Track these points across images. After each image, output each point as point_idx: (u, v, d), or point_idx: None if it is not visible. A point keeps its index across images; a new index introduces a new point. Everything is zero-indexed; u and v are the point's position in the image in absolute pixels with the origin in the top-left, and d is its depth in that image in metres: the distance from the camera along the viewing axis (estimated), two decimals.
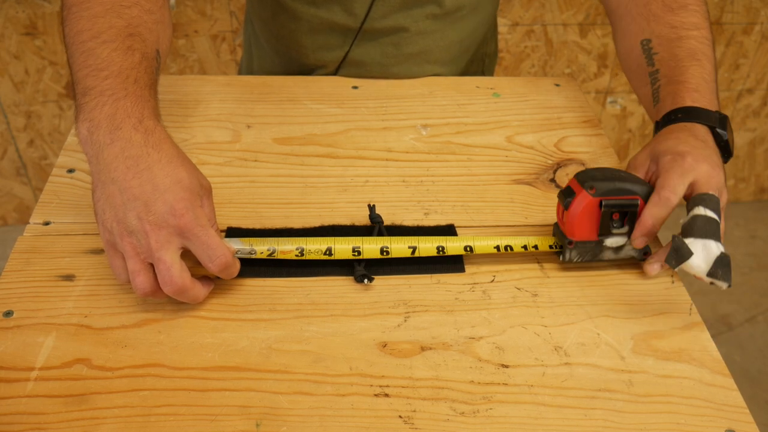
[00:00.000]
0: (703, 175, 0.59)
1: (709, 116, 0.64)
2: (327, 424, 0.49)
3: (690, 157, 0.59)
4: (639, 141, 1.92)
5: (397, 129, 0.77)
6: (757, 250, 1.95)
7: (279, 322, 0.56)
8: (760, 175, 2.05)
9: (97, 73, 0.56)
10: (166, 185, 0.53)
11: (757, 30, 1.75)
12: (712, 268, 0.54)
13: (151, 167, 0.53)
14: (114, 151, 0.53)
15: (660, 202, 0.58)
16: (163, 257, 0.52)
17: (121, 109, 0.54)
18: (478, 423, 0.49)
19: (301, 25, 0.83)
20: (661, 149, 0.61)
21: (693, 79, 0.67)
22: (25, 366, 0.51)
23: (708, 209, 0.56)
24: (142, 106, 0.56)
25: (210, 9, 1.59)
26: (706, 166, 0.59)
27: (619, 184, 0.58)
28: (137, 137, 0.54)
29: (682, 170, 0.58)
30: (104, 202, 0.53)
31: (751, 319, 1.76)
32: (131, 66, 0.57)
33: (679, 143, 0.61)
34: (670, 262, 0.55)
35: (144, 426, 0.48)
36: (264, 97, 0.81)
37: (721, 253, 0.55)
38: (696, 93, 0.66)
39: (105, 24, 0.58)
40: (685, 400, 0.52)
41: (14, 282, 0.58)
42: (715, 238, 0.55)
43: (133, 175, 0.53)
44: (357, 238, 0.60)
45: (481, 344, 0.55)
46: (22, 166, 1.78)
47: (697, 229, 0.56)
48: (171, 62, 1.66)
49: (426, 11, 0.81)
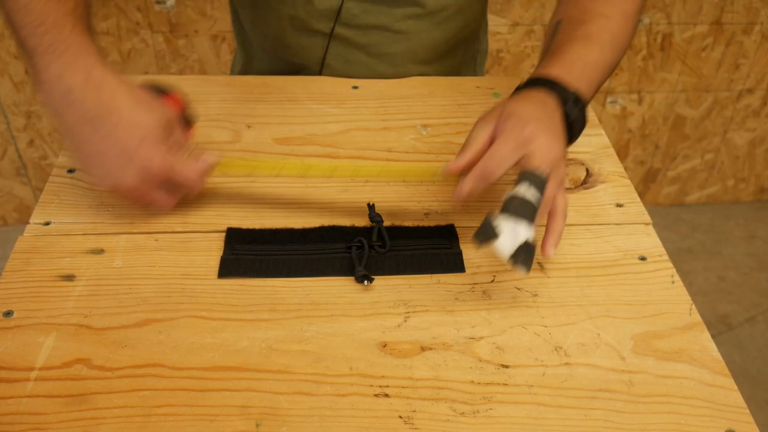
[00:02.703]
0: (540, 147, 0.57)
1: (565, 92, 0.63)
2: (327, 424, 0.49)
3: (532, 126, 0.57)
4: (639, 141, 1.93)
5: (397, 129, 0.77)
6: (757, 250, 1.95)
7: (279, 322, 0.56)
8: (760, 175, 2.05)
9: (36, 30, 0.56)
10: (134, 143, 0.57)
11: (757, 30, 1.75)
12: (515, 253, 0.53)
13: (114, 129, 0.56)
14: (74, 116, 0.56)
15: (483, 174, 0.56)
16: (155, 197, 0.61)
17: (65, 67, 0.56)
18: (478, 423, 0.49)
19: (281, 24, 0.83)
20: (509, 110, 0.60)
21: (570, 56, 0.67)
22: (25, 366, 0.51)
23: (531, 187, 0.55)
24: (86, 56, 0.57)
25: (210, 9, 1.59)
26: (546, 138, 0.57)
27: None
28: (90, 98, 0.56)
29: (517, 142, 0.57)
30: (85, 164, 0.59)
31: (751, 319, 1.76)
32: (65, 14, 0.57)
33: (527, 109, 0.59)
34: (478, 238, 0.53)
35: (144, 426, 0.48)
36: (264, 97, 0.81)
37: (527, 240, 0.53)
38: (564, 68, 0.65)
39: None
40: (685, 400, 0.52)
41: (14, 282, 0.58)
42: (529, 219, 0.54)
43: (99, 139, 0.57)
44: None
45: (481, 344, 0.55)
46: (22, 166, 1.78)
47: (513, 207, 0.54)
48: (171, 62, 1.66)
49: (407, 11, 0.81)
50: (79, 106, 0.56)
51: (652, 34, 1.73)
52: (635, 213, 0.67)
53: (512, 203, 0.55)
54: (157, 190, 0.60)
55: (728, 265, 1.90)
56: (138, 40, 1.62)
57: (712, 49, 1.77)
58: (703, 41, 1.75)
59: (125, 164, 0.57)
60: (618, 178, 0.72)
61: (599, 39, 0.69)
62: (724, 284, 1.85)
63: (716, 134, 1.93)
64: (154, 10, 1.58)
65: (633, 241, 0.64)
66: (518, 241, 0.53)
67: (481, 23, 0.92)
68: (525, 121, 0.58)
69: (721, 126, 1.92)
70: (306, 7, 0.80)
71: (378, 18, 0.81)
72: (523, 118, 0.58)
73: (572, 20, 0.71)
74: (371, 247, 0.61)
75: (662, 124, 1.90)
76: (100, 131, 0.56)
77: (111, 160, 0.57)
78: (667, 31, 1.73)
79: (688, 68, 1.80)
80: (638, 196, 0.69)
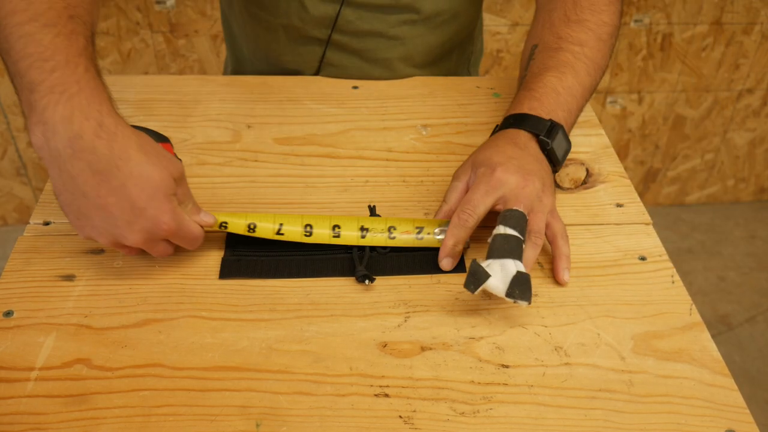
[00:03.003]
0: (511, 188, 0.58)
1: (538, 124, 0.64)
2: (327, 424, 0.49)
3: (500, 170, 0.59)
4: (639, 141, 1.93)
5: (397, 129, 0.77)
6: (757, 250, 1.95)
7: (279, 322, 0.56)
8: (760, 175, 2.05)
9: (42, 64, 0.51)
10: (143, 201, 0.53)
11: (757, 30, 1.75)
12: (509, 288, 0.54)
13: (125, 183, 0.52)
14: (80, 166, 0.51)
15: (459, 223, 0.59)
16: (155, 249, 0.57)
17: (77, 110, 0.51)
18: (478, 423, 0.49)
19: (276, 34, 0.83)
20: (479, 159, 0.62)
21: (542, 88, 0.67)
22: (25, 366, 0.51)
23: (508, 227, 0.56)
24: (99, 101, 0.52)
25: (210, 9, 1.59)
26: (516, 177, 0.59)
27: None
28: (102, 148, 0.51)
29: (488, 187, 0.59)
30: (81, 217, 0.53)
31: (751, 319, 1.76)
32: (77, 53, 0.53)
33: (495, 153, 0.61)
34: (469, 287, 0.54)
35: (144, 426, 0.48)
36: (264, 97, 0.81)
37: (518, 271, 0.54)
38: (536, 101, 0.66)
39: (42, 4, 0.53)
40: (685, 400, 0.52)
41: (14, 282, 0.58)
42: (514, 256, 0.55)
43: (106, 192, 0.52)
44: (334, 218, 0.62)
45: (481, 344, 0.55)
46: (22, 166, 1.78)
47: (495, 249, 0.55)
48: (171, 62, 1.66)
49: (403, 17, 0.81)
50: (88, 155, 0.51)
51: (652, 34, 1.73)
52: (635, 213, 0.67)
53: (494, 244, 0.56)
54: (158, 243, 0.56)
55: (728, 265, 1.90)
56: (138, 40, 1.62)
57: (712, 49, 1.77)
58: (703, 41, 1.75)
59: (132, 221, 0.53)
60: (618, 178, 0.72)
61: (574, 66, 0.69)
62: (724, 284, 1.85)
63: (716, 134, 1.93)
64: (154, 10, 1.58)
65: (633, 241, 0.64)
66: (509, 277, 0.54)
67: (475, 25, 0.92)
68: (493, 167, 0.59)
69: (721, 126, 1.92)
70: (301, 14, 0.80)
71: (373, 24, 0.81)
72: (492, 164, 0.60)
73: (547, 47, 0.71)
74: (372, 248, 0.61)
75: (662, 124, 1.90)
76: (109, 184, 0.51)
77: (116, 216, 0.53)
78: (667, 31, 1.73)
79: (688, 68, 1.80)
80: (638, 196, 0.69)
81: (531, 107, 0.66)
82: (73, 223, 0.54)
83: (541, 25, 0.74)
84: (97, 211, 0.52)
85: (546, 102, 0.66)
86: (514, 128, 0.65)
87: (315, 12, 0.80)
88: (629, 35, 1.72)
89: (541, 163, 0.62)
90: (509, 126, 0.65)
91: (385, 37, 0.82)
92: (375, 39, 0.82)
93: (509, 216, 0.57)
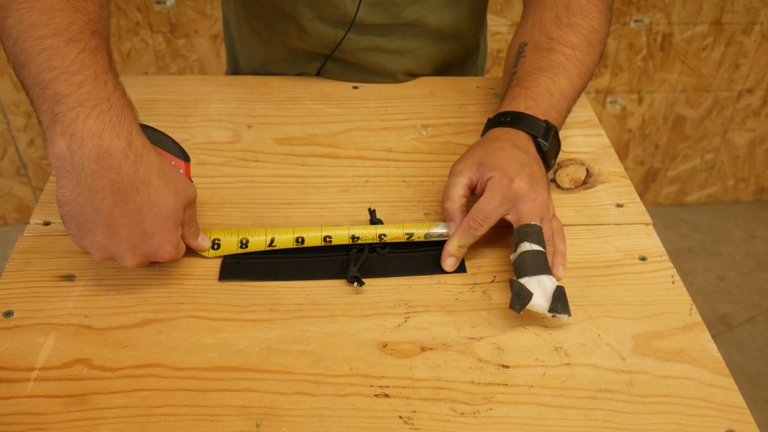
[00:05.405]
0: (525, 202, 0.59)
1: (535, 125, 0.64)
2: (327, 424, 0.49)
3: (516, 181, 0.59)
4: (639, 141, 1.93)
5: (397, 129, 0.77)
6: (757, 250, 1.95)
7: (279, 323, 0.56)
8: (760, 175, 2.05)
9: (69, 78, 0.50)
10: (153, 228, 0.53)
11: (757, 30, 1.75)
12: (552, 304, 0.54)
13: (140, 209, 0.52)
14: (101, 183, 0.50)
15: (468, 230, 0.59)
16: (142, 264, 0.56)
17: (108, 126, 0.50)
18: (478, 423, 0.49)
19: (276, 48, 0.84)
20: (488, 162, 0.61)
21: (537, 87, 0.67)
22: (25, 366, 0.51)
23: (533, 243, 0.57)
24: (129, 121, 0.52)
25: (210, 9, 1.59)
26: (529, 187, 0.59)
27: None
28: (127, 168, 0.51)
29: (503, 198, 0.59)
30: (83, 230, 0.53)
31: (751, 319, 1.76)
32: (105, 70, 0.53)
33: (508, 160, 0.60)
34: (515, 308, 0.54)
35: (144, 426, 0.48)
36: (264, 97, 0.81)
37: (557, 287, 0.55)
38: (532, 101, 0.66)
39: (66, 19, 0.52)
40: (685, 400, 0.52)
41: (14, 282, 0.58)
42: (546, 271, 0.56)
43: (121, 213, 0.52)
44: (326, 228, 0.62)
45: (481, 344, 0.55)
46: (22, 166, 1.78)
47: (528, 267, 0.56)
48: (171, 62, 1.66)
49: (407, 32, 0.80)
50: (113, 174, 0.50)
51: (652, 34, 1.73)
52: (635, 213, 0.67)
53: (524, 261, 0.56)
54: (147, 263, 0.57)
55: (728, 265, 1.90)
56: (138, 40, 1.62)
57: (712, 49, 1.77)
58: (703, 41, 1.75)
59: (137, 245, 0.53)
60: (618, 178, 0.72)
61: (566, 68, 0.69)
62: (724, 284, 1.85)
63: (716, 134, 1.93)
64: (154, 10, 1.58)
65: (633, 241, 0.64)
66: (549, 293, 0.55)
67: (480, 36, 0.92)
68: (510, 176, 0.59)
69: (721, 126, 1.92)
70: (300, 34, 0.80)
71: (377, 42, 0.80)
72: (508, 173, 0.59)
73: (538, 47, 0.71)
74: (372, 249, 0.61)
75: (662, 124, 1.90)
76: (126, 206, 0.51)
77: (123, 237, 0.53)
78: (667, 31, 1.73)
79: (688, 68, 1.80)
80: (638, 196, 0.69)
81: (528, 106, 0.65)
82: (71, 233, 0.53)
83: (531, 24, 0.73)
84: (104, 228, 0.52)
85: (541, 102, 0.66)
86: (513, 128, 0.64)
87: (314, 34, 0.79)
88: (629, 35, 1.72)
89: (541, 167, 0.63)
90: (507, 124, 0.65)
91: (387, 51, 0.82)
92: (377, 53, 0.82)
93: (531, 232, 0.57)
